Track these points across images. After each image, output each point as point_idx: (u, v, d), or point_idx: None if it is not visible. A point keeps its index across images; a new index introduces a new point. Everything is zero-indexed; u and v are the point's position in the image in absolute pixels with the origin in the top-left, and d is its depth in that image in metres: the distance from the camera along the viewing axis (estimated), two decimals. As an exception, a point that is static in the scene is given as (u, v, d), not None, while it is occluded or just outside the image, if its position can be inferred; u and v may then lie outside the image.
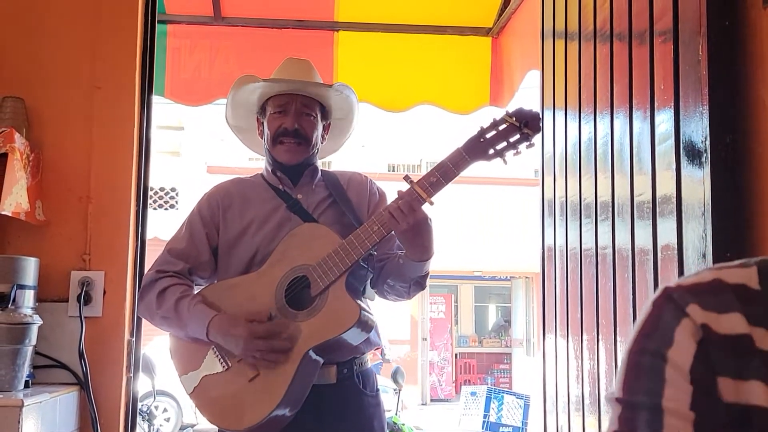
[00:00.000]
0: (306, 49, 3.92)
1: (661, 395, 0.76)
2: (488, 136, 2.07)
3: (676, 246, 1.81)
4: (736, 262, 0.83)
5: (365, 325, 2.07)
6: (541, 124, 2.08)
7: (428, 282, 2.25)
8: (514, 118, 2.06)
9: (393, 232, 2.06)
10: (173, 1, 3.89)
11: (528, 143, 2.08)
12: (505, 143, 2.07)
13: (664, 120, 1.91)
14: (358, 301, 2.06)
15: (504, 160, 2.08)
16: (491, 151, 2.07)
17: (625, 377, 0.80)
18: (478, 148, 2.06)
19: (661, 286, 0.83)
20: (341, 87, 2.31)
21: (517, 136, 2.06)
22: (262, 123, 2.31)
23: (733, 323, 0.77)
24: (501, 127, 2.07)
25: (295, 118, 2.23)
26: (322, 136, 2.34)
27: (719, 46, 1.70)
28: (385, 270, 2.21)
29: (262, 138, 2.32)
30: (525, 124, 2.05)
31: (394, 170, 17.99)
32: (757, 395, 0.75)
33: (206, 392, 2.12)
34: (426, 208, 2.06)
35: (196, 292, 2.23)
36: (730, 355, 0.76)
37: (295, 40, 4.01)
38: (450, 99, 4.16)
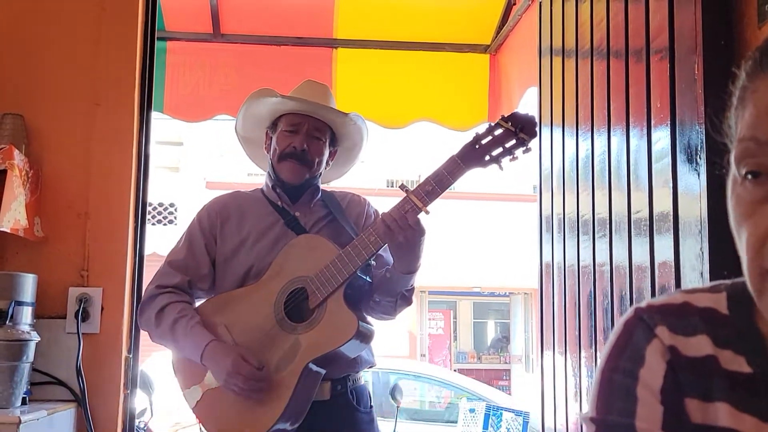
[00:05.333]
0: (304, 66, 3.94)
1: (634, 415, 0.76)
2: (483, 142, 2.03)
3: (673, 264, 1.82)
4: (707, 286, 0.84)
5: (364, 336, 2.07)
6: (537, 129, 2.04)
7: (413, 297, 2.24)
8: (510, 123, 2.02)
9: (383, 249, 2.06)
10: (173, 18, 3.92)
11: (524, 148, 2.04)
12: (500, 149, 2.03)
13: (661, 137, 1.92)
14: (356, 313, 2.06)
15: (500, 167, 2.04)
16: (487, 158, 2.03)
17: (598, 396, 0.80)
18: (473, 154, 2.03)
19: (632, 307, 0.84)
20: (356, 117, 2.32)
21: (513, 141, 2.03)
22: (271, 138, 2.31)
23: (699, 345, 0.78)
24: (496, 133, 2.03)
25: (305, 140, 2.24)
26: (327, 162, 2.34)
27: (715, 64, 1.71)
28: (373, 286, 2.21)
29: (268, 152, 2.32)
30: (521, 129, 2.01)
31: (392, 186, 17.99)
32: (722, 416, 0.75)
33: (209, 406, 2.12)
34: (422, 217, 2.04)
35: (197, 304, 2.24)
36: (697, 377, 0.77)
37: (293, 57, 4.03)
38: (448, 116, 4.17)
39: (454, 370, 17.85)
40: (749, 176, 0.68)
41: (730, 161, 0.72)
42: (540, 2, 3.04)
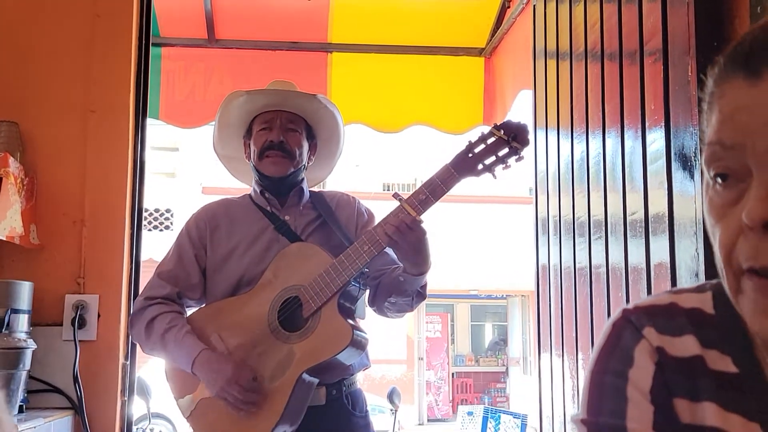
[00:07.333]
0: (299, 71, 3.94)
1: (625, 416, 0.77)
2: (476, 150, 2.03)
3: (669, 265, 1.82)
4: (694, 286, 0.85)
5: (358, 344, 2.07)
6: (529, 137, 2.04)
7: (427, 291, 2.24)
8: (502, 131, 2.01)
9: (384, 250, 2.05)
10: (167, 24, 3.92)
11: (517, 157, 2.03)
12: (493, 157, 2.02)
13: (656, 139, 1.92)
14: (350, 321, 2.06)
15: (493, 175, 2.03)
16: (480, 167, 2.02)
17: (588, 398, 0.81)
18: (466, 163, 2.02)
19: (619, 308, 0.84)
20: (324, 99, 2.32)
21: (506, 150, 2.02)
22: (249, 144, 2.31)
23: (686, 346, 0.79)
24: (489, 141, 2.03)
25: (280, 132, 2.24)
26: (309, 157, 2.34)
27: (708, 66, 1.71)
28: (383, 288, 2.20)
29: (249, 160, 2.32)
30: (513, 138, 2.00)
31: (388, 189, 18.00)
32: (710, 416, 0.76)
33: (203, 416, 2.11)
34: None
35: (187, 314, 2.23)
36: (684, 377, 0.78)
37: (288, 61, 4.04)
38: (443, 119, 4.18)
39: (452, 374, 17.88)
40: (719, 179, 0.69)
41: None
42: (534, 5, 3.05)
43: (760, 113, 0.66)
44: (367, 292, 2.26)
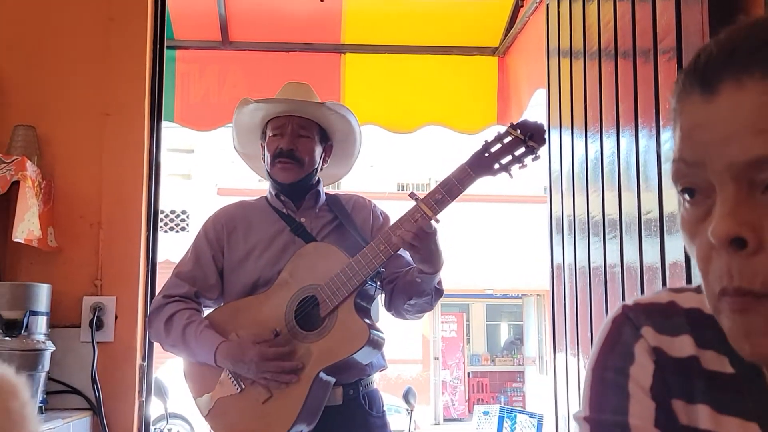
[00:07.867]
0: (313, 72, 3.95)
1: (627, 412, 0.76)
2: (493, 150, 2.03)
3: (684, 264, 1.81)
4: (695, 285, 0.84)
5: (375, 344, 2.08)
6: (546, 136, 2.04)
7: (443, 286, 2.25)
8: (519, 131, 2.01)
9: (399, 250, 2.06)
10: (181, 26, 3.94)
11: (533, 156, 2.03)
12: (510, 157, 2.02)
13: (670, 138, 1.92)
14: (367, 321, 2.06)
15: (510, 175, 2.03)
16: (496, 166, 2.03)
17: (590, 394, 0.80)
18: (483, 163, 2.03)
19: (619, 304, 0.84)
20: (334, 105, 2.31)
21: (522, 149, 2.02)
22: (264, 147, 2.33)
23: (682, 346, 0.79)
24: (505, 141, 2.03)
25: (290, 140, 2.25)
26: (323, 159, 2.34)
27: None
28: (400, 291, 2.21)
29: (264, 163, 2.34)
30: (530, 137, 2.00)
31: (403, 189, 17.99)
32: (703, 419, 0.76)
33: (222, 415, 2.12)
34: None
35: (204, 315, 2.25)
36: (681, 378, 0.77)
37: (302, 63, 4.05)
38: (457, 119, 4.18)
39: (468, 373, 17.85)
40: (686, 196, 0.69)
41: None
42: (547, 4, 3.04)
43: (717, 130, 0.65)
44: (382, 296, 2.26)
